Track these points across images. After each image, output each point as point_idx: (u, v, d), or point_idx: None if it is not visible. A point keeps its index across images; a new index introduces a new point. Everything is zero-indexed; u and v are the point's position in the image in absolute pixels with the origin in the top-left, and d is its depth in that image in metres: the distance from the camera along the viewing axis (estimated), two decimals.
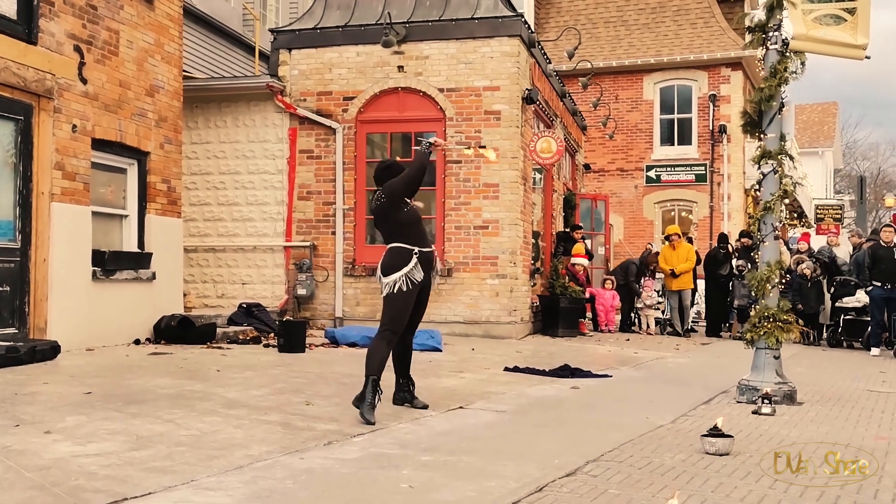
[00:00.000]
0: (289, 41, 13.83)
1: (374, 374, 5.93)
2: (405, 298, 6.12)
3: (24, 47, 8.77)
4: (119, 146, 10.27)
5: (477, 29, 13.11)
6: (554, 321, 14.12)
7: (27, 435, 4.98)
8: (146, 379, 7.43)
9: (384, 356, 6.06)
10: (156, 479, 4.10)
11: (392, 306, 6.15)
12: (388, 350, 6.12)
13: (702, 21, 24.02)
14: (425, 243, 6.31)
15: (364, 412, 5.81)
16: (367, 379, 5.92)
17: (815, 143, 42.00)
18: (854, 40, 7.54)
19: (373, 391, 5.88)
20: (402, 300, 6.12)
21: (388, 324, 6.13)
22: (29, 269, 8.94)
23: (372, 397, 5.87)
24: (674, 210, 23.70)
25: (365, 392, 5.90)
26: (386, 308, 6.19)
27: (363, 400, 5.87)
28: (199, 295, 13.87)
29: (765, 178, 7.78)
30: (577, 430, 5.96)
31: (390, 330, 6.12)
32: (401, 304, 6.12)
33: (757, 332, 7.60)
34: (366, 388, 5.90)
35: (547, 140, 13.98)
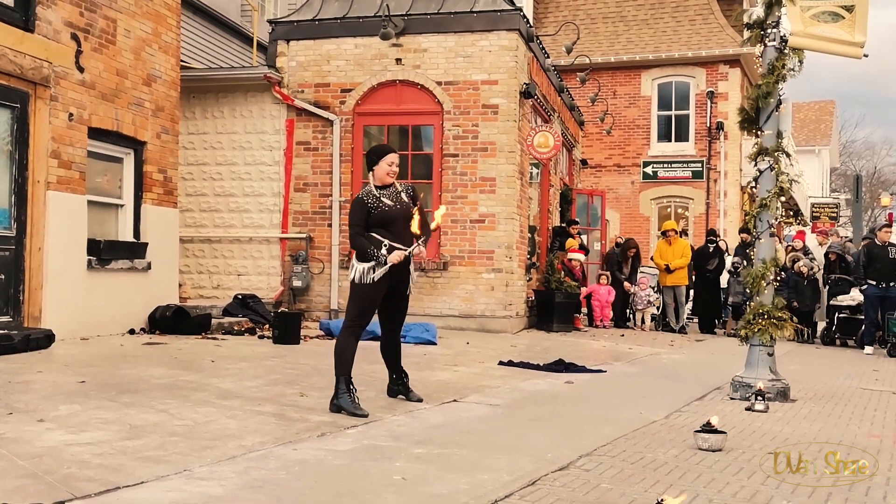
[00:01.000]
0: (287, 32, 13.80)
1: (344, 373, 5.81)
2: (370, 292, 5.94)
3: (21, 35, 8.74)
4: (115, 135, 10.25)
5: (475, 22, 13.09)
6: (549, 316, 14.13)
7: (20, 423, 4.97)
8: (140, 369, 7.42)
9: (352, 352, 5.90)
10: (149, 468, 4.10)
11: (357, 300, 6.01)
12: (356, 345, 5.95)
13: (700, 17, 24.01)
14: (402, 241, 6.01)
15: (347, 409, 5.70)
16: (339, 379, 5.81)
17: (811, 142, 42.02)
18: (852, 38, 7.54)
19: (346, 389, 5.78)
20: (367, 293, 5.95)
21: (356, 318, 5.97)
22: (24, 257, 8.93)
23: (347, 394, 5.76)
24: (670, 206, 23.71)
25: (338, 392, 5.79)
26: (351, 302, 6.06)
27: (337, 398, 5.78)
28: (195, 285, 13.85)
29: (761, 175, 7.79)
30: (571, 425, 5.97)
31: (358, 325, 5.98)
32: (367, 297, 5.96)
33: (751, 329, 7.61)
34: (338, 388, 5.80)
35: (544, 135, 13.98)
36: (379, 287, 5.95)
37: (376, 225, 5.96)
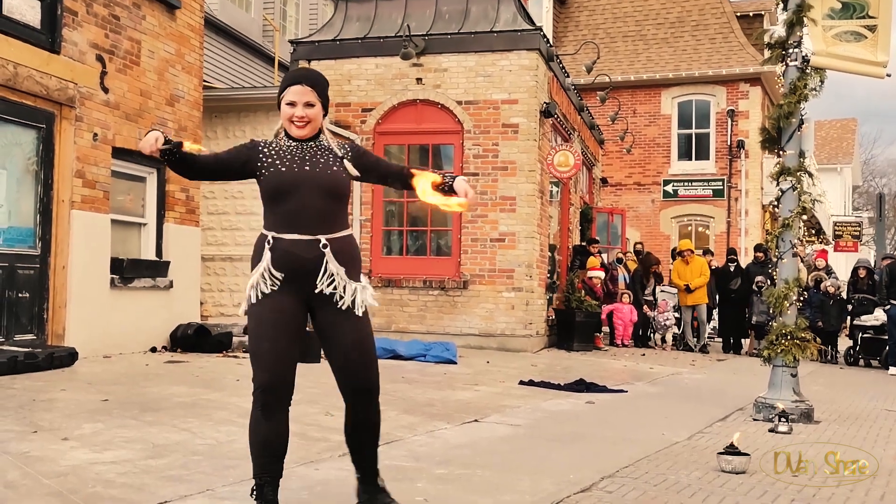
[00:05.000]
0: (308, 52, 13.91)
1: (255, 473, 3.55)
2: (258, 319, 3.58)
3: (47, 56, 8.86)
4: (139, 155, 10.29)
5: (496, 42, 13.15)
6: (569, 335, 14.08)
7: (45, 441, 5.01)
8: (162, 387, 7.46)
9: (260, 438, 3.54)
10: (172, 487, 4.12)
11: (249, 334, 3.68)
12: (266, 426, 3.52)
13: (721, 36, 23.98)
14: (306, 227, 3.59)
15: None
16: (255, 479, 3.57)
17: (833, 160, 41.77)
18: (874, 57, 7.52)
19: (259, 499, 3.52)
20: (254, 322, 3.59)
21: (255, 373, 3.55)
22: (48, 275, 9.01)
23: None
24: (690, 225, 23.61)
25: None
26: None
27: None
28: (216, 304, 13.91)
29: (783, 195, 7.76)
30: (593, 445, 5.94)
31: (257, 387, 3.52)
32: (255, 329, 3.58)
33: (774, 350, 7.56)
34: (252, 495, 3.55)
35: (564, 154, 13.98)
36: (266, 308, 3.56)
37: (266, 200, 3.75)
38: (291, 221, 3.60)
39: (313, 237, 3.58)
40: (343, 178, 3.70)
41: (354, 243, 3.77)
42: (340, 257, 3.61)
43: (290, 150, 3.75)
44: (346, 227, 3.71)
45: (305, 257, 3.57)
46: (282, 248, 3.58)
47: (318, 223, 3.59)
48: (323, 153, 3.74)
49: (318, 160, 3.70)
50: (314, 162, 3.69)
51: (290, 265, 3.57)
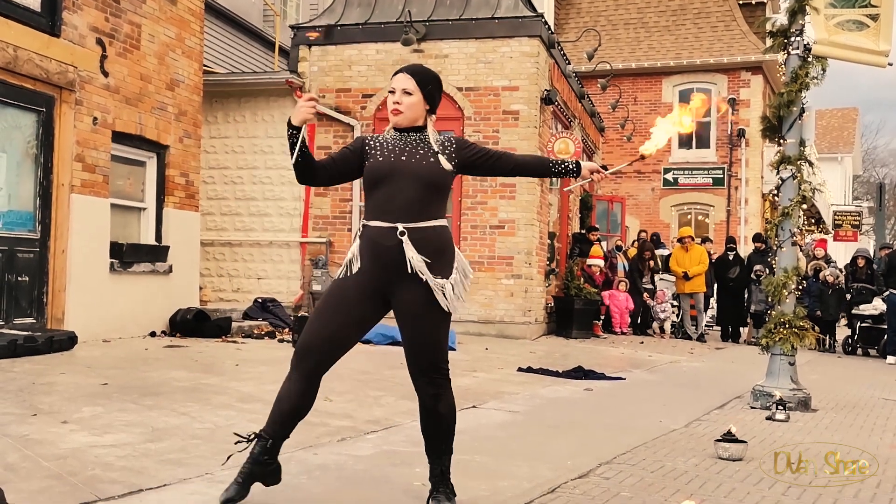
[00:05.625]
0: (309, 37, 13.87)
1: (264, 428, 3.72)
2: (326, 297, 3.72)
3: (47, 39, 8.84)
4: (139, 139, 10.34)
5: (497, 29, 13.11)
6: (568, 322, 14.10)
7: (45, 424, 5.02)
8: (162, 371, 7.48)
9: (279, 395, 3.73)
10: (171, 471, 4.13)
11: (315, 306, 3.92)
12: (286, 385, 3.70)
13: (722, 24, 23.92)
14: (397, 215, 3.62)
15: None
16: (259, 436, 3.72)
17: (834, 149, 41.76)
18: (876, 46, 7.50)
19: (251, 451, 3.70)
20: (323, 299, 3.74)
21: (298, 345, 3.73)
22: (48, 259, 9.02)
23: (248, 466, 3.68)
24: (690, 213, 23.62)
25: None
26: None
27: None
28: (215, 289, 13.93)
29: (783, 184, 7.76)
30: (590, 432, 5.96)
31: (296, 352, 3.71)
32: (319, 304, 3.73)
33: (772, 338, 7.58)
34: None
35: (565, 141, 13.98)
36: (342, 290, 3.68)
37: (365, 188, 3.78)
38: (380, 209, 3.65)
39: (393, 225, 3.60)
40: (439, 170, 3.70)
41: (444, 235, 3.73)
42: (423, 247, 3.61)
43: (391, 141, 3.76)
44: (436, 217, 3.70)
45: (385, 245, 3.60)
46: (367, 236, 3.65)
47: (403, 212, 3.61)
48: (423, 146, 3.74)
49: (415, 151, 3.71)
50: (411, 153, 3.70)
51: (372, 251, 3.62)
